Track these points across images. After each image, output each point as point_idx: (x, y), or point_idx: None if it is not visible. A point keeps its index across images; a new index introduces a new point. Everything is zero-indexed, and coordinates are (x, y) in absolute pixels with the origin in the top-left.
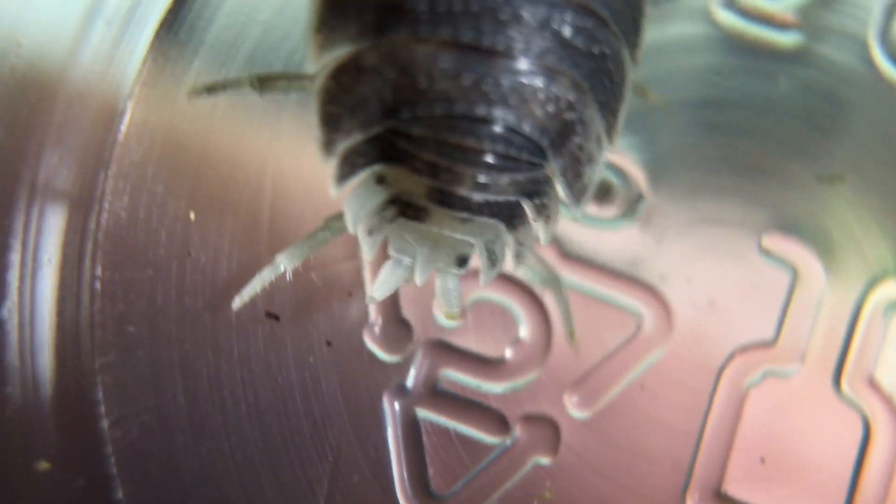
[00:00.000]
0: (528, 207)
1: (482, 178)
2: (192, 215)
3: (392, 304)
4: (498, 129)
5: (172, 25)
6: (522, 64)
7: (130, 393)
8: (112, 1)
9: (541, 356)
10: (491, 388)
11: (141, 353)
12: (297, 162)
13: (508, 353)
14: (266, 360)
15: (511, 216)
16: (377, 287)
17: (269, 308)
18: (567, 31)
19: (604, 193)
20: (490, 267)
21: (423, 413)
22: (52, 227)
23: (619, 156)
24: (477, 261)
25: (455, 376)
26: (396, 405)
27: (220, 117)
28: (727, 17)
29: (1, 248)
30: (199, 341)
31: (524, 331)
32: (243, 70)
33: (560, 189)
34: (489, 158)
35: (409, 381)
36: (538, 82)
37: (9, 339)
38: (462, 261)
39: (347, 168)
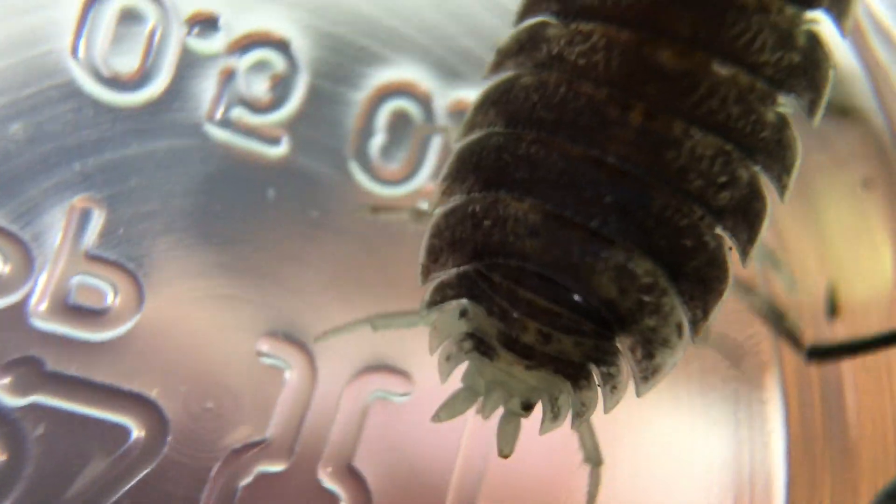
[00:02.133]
0: (595, 373)
1: (546, 333)
2: None
3: None
4: (564, 292)
5: None
6: (598, 240)
7: None
8: None
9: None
10: None
11: None
12: None
13: None
14: None
15: (577, 377)
16: (444, 408)
17: None
18: (651, 222)
19: None
20: (552, 420)
21: None
22: None
23: (110, 269)
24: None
25: None
26: None
27: None
28: (217, 131)
29: None
30: None
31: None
32: None
33: (628, 365)
34: (554, 318)
35: None
36: (613, 259)
37: None
38: (527, 406)
39: (438, 296)
